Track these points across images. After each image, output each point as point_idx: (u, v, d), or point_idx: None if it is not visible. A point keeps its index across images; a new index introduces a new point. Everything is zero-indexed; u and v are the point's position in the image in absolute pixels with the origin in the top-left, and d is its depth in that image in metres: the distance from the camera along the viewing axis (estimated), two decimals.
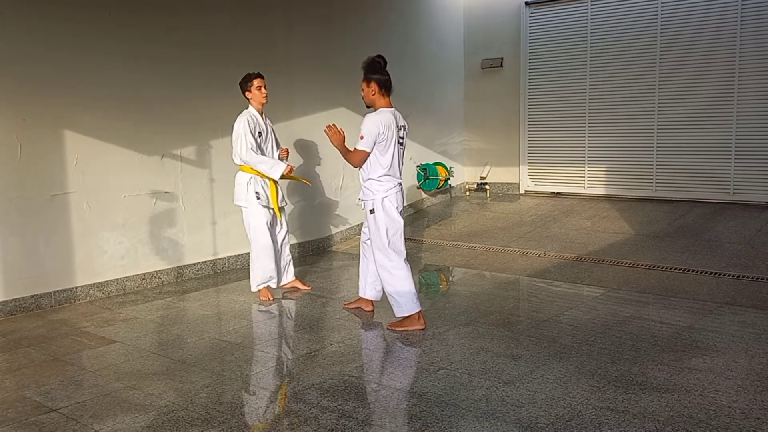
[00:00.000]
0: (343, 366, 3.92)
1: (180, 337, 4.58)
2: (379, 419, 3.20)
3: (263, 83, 5.29)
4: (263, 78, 5.32)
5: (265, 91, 5.30)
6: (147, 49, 5.90)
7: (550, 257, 6.75)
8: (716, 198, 8.10)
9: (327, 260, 7.14)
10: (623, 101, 8.63)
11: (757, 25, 7.64)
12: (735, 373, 3.63)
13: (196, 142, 6.31)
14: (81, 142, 5.52)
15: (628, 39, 8.51)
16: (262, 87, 5.28)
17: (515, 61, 9.42)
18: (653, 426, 3.02)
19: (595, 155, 8.96)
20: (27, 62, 5.19)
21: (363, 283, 4.98)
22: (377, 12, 8.36)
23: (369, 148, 4.41)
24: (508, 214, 8.60)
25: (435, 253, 7.24)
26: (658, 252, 6.53)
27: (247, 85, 5.28)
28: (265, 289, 5.49)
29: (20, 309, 5.25)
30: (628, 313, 4.85)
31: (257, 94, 5.27)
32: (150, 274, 6.06)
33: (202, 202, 6.41)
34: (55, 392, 3.65)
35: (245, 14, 6.69)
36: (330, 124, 4.56)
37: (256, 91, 5.27)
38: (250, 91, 5.28)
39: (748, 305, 4.97)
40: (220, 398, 3.50)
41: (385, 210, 4.48)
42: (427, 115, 9.09)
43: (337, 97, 7.62)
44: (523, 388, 3.50)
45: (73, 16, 5.42)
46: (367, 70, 4.47)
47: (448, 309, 5.08)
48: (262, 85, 5.28)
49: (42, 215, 5.32)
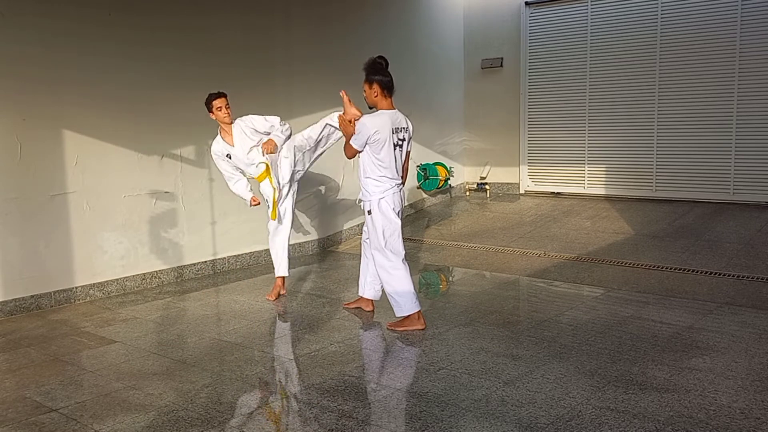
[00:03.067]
0: (343, 366, 3.92)
1: (180, 337, 4.58)
2: (379, 419, 3.20)
3: (224, 103, 5.18)
4: (224, 96, 5.21)
5: (226, 110, 5.20)
6: (147, 49, 5.90)
7: (550, 257, 6.75)
8: (716, 198, 8.10)
9: (327, 260, 7.14)
10: (623, 101, 8.63)
11: (757, 25, 7.64)
12: (735, 373, 3.63)
13: (195, 142, 6.31)
14: (81, 142, 5.52)
15: (628, 39, 8.51)
16: (222, 107, 5.18)
17: (515, 61, 9.42)
18: (653, 426, 3.02)
19: (595, 155, 8.97)
20: (27, 62, 5.19)
21: (362, 282, 4.99)
22: (377, 12, 8.35)
23: (359, 147, 4.45)
24: (508, 214, 8.60)
25: (435, 253, 7.24)
26: (658, 252, 6.53)
27: (209, 107, 5.21)
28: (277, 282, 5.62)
29: (20, 309, 5.25)
30: (628, 313, 4.84)
31: (219, 114, 5.20)
32: (150, 274, 6.06)
33: (201, 202, 6.41)
34: (55, 392, 3.65)
35: (245, 15, 6.69)
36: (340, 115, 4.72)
37: (218, 111, 5.19)
38: (212, 113, 5.23)
39: (748, 305, 4.97)
40: (220, 398, 3.50)
41: (381, 211, 4.48)
42: (427, 115, 9.08)
43: (337, 96, 7.58)
44: (523, 388, 3.50)
45: (73, 16, 5.42)
46: (369, 71, 4.47)
47: (448, 309, 5.08)
48: (223, 105, 5.18)
49: (42, 215, 5.32)
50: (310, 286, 6.00)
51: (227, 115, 5.22)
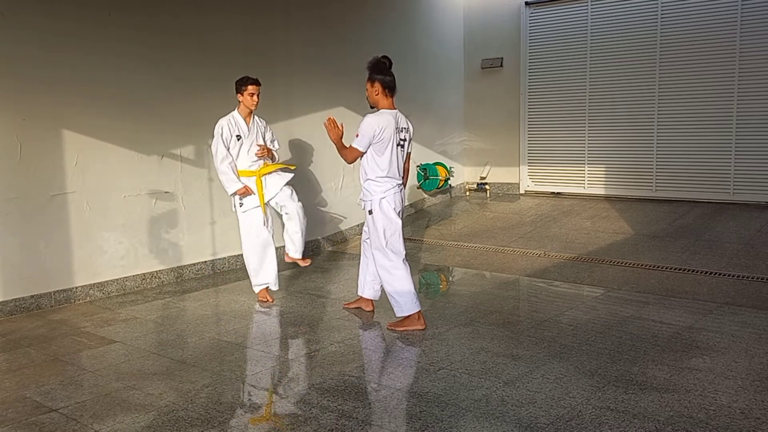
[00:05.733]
0: (343, 366, 3.92)
1: (180, 337, 4.58)
2: (379, 419, 3.20)
3: (257, 90, 5.20)
4: (259, 85, 5.22)
5: (257, 99, 5.21)
6: (147, 49, 5.90)
7: (550, 257, 6.75)
8: (716, 198, 8.10)
9: (327, 260, 7.14)
10: (623, 101, 8.63)
11: (757, 25, 7.64)
12: (735, 373, 3.63)
13: (195, 142, 6.31)
14: (81, 142, 5.52)
15: (628, 39, 8.51)
16: (254, 94, 5.19)
17: (515, 61, 9.42)
18: (653, 426, 3.02)
19: (595, 155, 8.96)
20: (27, 62, 5.19)
21: (362, 281, 4.99)
22: (377, 12, 8.35)
23: (363, 148, 4.41)
24: (508, 214, 8.60)
25: (435, 253, 7.24)
26: (658, 252, 6.53)
27: (242, 88, 5.20)
28: (264, 291, 5.48)
29: (20, 309, 5.25)
30: (628, 313, 4.84)
31: (248, 99, 5.20)
32: (150, 274, 6.06)
33: (201, 202, 6.41)
34: (55, 392, 3.65)
35: (245, 15, 6.69)
36: (330, 118, 4.48)
37: (248, 96, 5.19)
38: (242, 95, 5.21)
39: (748, 305, 4.97)
40: (220, 398, 3.50)
41: (382, 211, 4.48)
42: (427, 115, 9.08)
43: (337, 96, 7.62)
44: (523, 388, 3.50)
45: (73, 16, 5.41)
46: (372, 70, 4.47)
47: (448, 309, 5.08)
48: (256, 92, 5.19)
49: (42, 215, 5.32)
50: (310, 286, 6.00)
51: (255, 104, 5.23)
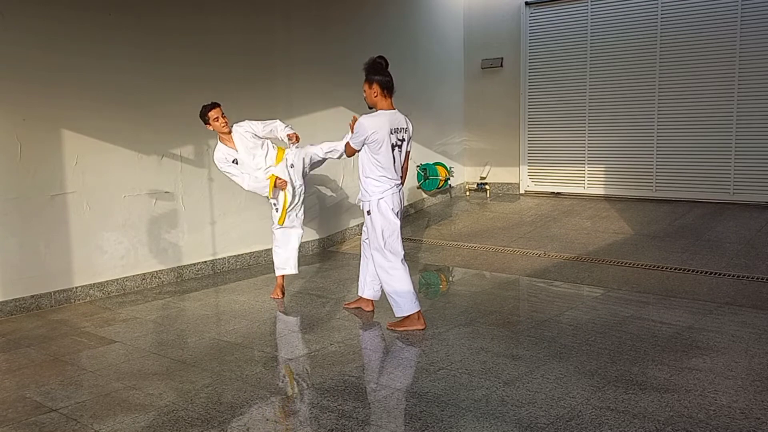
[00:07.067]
0: (343, 366, 3.92)
1: (180, 337, 4.58)
2: (379, 419, 3.20)
3: (219, 112, 5.14)
4: (218, 106, 5.16)
5: (224, 119, 5.15)
6: (147, 50, 5.90)
7: (550, 257, 6.75)
8: (716, 198, 8.10)
9: (327, 260, 7.14)
10: (623, 101, 8.63)
11: (757, 25, 7.64)
12: (735, 373, 3.63)
13: (195, 142, 6.31)
14: (81, 142, 5.52)
15: (628, 39, 8.51)
16: (218, 117, 5.14)
17: (515, 61, 9.42)
18: (653, 426, 3.02)
19: (595, 155, 8.96)
20: (27, 62, 5.19)
21: (362, 281, 5.00)
22: (377, 13, 8.35)
23: (356, 146, 4.52)
24: (508, 214, 8.60)
25: (435, 253, 7.24)
26: (658, 252, 6.53)
27: (206, 118, 5.16)
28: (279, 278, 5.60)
29: (20, 309, 5.25)
30: (628, 313, 4.84)
31: (217, 125, 5.15)
32: (150, 274, 6.06)
33: (201, 202, 6.41)
34: (55, 392, 3.65)
35: (245, 16, 6.69)
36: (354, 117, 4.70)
37: (214, 122, 5.14)
38: (210, 124, 5.18)
39: (748, 305, 4.97)
40: (220, 398, 3.50)
41: (380, 211, 4.49)
42: (427, 115, 9.08)
43: (337, 97, 7.62)
44: (523, 388, 3.50)
45: (73, 17, 5.42)
46: (369, 71, 4.47)
47: (448, 309, 5.08)
48: (219, 114, 5.14)
49: (42, 215, 5.32)
50: (310, 286, 6.00)
51: (225, 125, 5.17)
